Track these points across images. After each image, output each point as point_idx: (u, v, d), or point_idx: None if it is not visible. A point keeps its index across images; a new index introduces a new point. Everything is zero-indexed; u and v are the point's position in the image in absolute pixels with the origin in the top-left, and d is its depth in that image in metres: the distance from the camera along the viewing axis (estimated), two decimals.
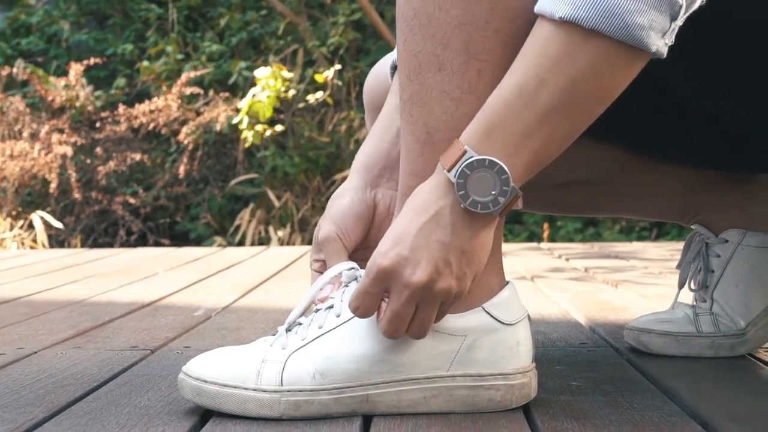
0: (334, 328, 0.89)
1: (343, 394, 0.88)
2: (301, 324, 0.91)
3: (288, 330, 0.91)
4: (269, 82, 4.41)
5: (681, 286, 1.21)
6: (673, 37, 0.79)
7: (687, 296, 1.21)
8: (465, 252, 0.83)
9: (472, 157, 0.80)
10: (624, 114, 1.14)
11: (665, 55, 0.80)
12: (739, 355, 1.16)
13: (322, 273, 0.99)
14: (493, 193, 0.81)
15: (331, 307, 0.90)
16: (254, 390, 0.87)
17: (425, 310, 0.84)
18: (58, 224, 4.57)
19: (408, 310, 0.84)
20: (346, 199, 0.99)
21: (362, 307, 0.85)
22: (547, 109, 0.79)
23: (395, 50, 1.06)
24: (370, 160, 1.01)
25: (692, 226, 1.21)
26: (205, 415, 0.89)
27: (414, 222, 0.82)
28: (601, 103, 0.81)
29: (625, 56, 0.79)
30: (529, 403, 0.92)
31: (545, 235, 4.73)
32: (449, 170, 0.81)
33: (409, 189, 0.88)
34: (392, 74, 1.07)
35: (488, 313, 0.89)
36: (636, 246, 3.43)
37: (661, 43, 0.78)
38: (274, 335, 0.92)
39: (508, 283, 0.92)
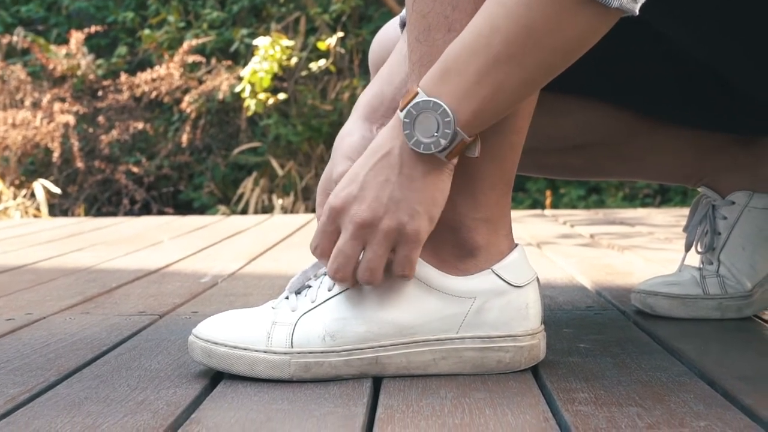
0: (344, 290, 0.89)
1: (353, 356, 0.88)
2: (310, 286, 0.92)
3: (297, 292, 0.92)
4: (269, 51, 4.39)
5: (688, 248, 1.21)
6: None
7: (694, 259, 1.22)
8: (414, 190, 0.83)
9: (421, 98, 0.81)
10: (631, 76, 1.14)
11: (637, 13, 0.78)
12: (746, 316, 1.17)
13: None
14: (436, 134, 0.81)
15: None
16: (264, 352, 0.87)
17: (372, 249, 0.85)
18: (57, 190, 4.57)
19: (352, 247, 0.85)
20: (355, 136, 0.99)
21: (320, 247, 0.87)
22: (498, 56, 0.79)
23: (404, 10, 1.05)
24: (376, 101, 1.01)
25: (698, 189, 1.21)
26: (215, 377, 0.90)
27: (367, 162, 0.85)
28: (561, 57, 0.80)
29: (585, 12, 0.77)
30: (537, 365, 0.92)
31: (548, 202, 4.73)
32: (401, 110, 0.82)
33: None
34: (402, 30, 1.06)
35: (497, 275, 0.90)
36: (641, 212, 3.43)
37: (626, 0, 0.76)
38: (287, 299, 0.93)
39: (517, 245, 0.92)
